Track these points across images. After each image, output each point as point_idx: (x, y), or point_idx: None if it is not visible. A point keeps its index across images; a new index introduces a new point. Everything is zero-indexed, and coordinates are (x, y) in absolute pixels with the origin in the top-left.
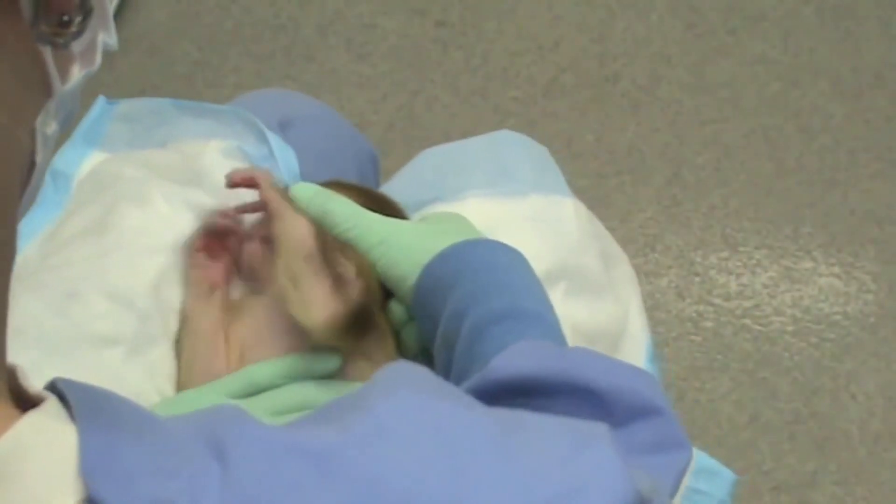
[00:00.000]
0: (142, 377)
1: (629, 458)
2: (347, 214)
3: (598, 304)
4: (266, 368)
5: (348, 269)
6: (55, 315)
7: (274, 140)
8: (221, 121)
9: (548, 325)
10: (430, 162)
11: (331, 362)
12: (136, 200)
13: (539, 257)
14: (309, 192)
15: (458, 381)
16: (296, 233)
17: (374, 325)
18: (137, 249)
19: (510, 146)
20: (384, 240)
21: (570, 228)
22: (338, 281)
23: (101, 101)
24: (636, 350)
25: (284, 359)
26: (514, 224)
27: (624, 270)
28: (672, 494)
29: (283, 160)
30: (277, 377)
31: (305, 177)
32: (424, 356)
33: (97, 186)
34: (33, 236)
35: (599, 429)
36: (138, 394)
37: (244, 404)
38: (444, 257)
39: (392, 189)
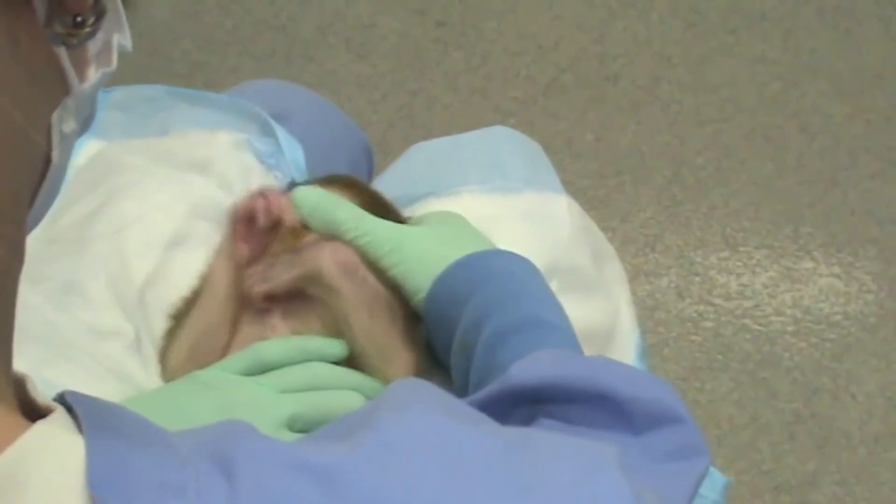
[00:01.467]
0: (141, 369)
1: (649, 466)
2: (357, 221)
3: (589, 302)
4: (274, 347)
5: (377, 284)
6: (55, 309)
7: (281, 133)
8: (224, 111)
9: (566, 335)
10: (423, 156)
11: (337, 348)
12: (133, 191)
13: (532, 255)
14: (312, 199)
15: (475, 389)
16: (344, 256)
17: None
18: (132, 243)
19: (503, 142)
20: (396, 248)
21: (564, 226)
22: (375, 295)
23: None
24: (626, 347)
25: (292, 339)
26: (508, 221)
27: (614, 268)
28: (690, 500)
29: (290, 154)
30: (286, 356)
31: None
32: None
33: (96, 175)
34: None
35: (609, 451)
36: (140, 386)
37: (253, 381)
38: (459, 267)
39: (385, 183)
